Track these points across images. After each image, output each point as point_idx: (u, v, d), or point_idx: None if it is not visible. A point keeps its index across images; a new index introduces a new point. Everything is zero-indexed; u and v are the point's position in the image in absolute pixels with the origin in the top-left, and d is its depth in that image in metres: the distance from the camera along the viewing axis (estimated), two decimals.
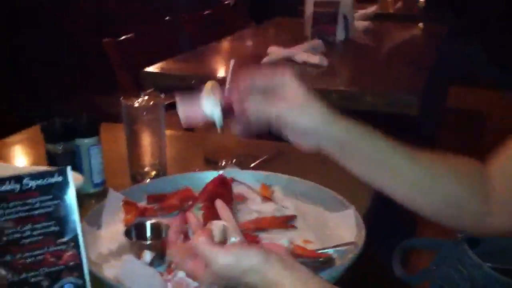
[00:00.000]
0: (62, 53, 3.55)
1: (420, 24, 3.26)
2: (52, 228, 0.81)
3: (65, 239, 0.82)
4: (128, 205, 1.05)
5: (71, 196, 0.82)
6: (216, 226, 0.80)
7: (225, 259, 0.70)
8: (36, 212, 0.80)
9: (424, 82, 2.09)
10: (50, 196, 0.81)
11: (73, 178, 0.83)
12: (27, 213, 0.79)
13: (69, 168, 0.83)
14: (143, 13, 3.92)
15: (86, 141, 1.15)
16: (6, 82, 3.24)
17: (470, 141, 3.30)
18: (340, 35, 2.63)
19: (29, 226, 0.80)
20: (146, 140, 1.22)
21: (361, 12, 3.05)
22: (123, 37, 2.43)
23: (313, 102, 0.82)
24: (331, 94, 1.99)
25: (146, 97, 1.22)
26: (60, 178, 0.82)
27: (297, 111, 0.81)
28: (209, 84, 1.17)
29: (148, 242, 0.93)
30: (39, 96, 3.30)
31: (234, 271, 0.70)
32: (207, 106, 0.86)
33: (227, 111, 0.85)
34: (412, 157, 0.86)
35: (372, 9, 3.13)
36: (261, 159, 1.31)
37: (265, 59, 2.21)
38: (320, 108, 0.82)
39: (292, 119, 0.81)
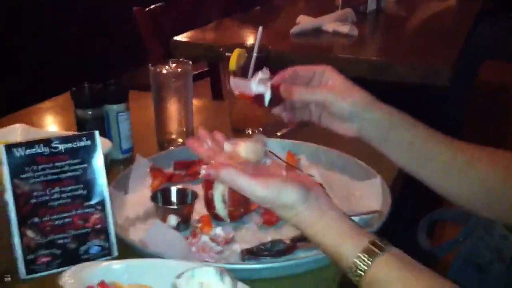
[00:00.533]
0: (95, 21, 3.58)
1: None
2: (80, 191, 0.83)
3: (92, 203, 0.84)
4: (155, 171, 1.07)
5: (98, 161, 0.84)
6: (246, 147, 0.80)
7: (264, 192, 0.69)
8: (65, 175, 0.82)
9: (455, 54, 2.05)
10: (79, 160, 0.83)
11: (102, 144, 0.85)
12: (56, 176, 0.81)
13: (97, 133, 0.84)
14: None
15: (115, 107, 1.16)
16: (40, 47, 3.28)
17: (500, 114, 3.24)
18: (371, 5, 2.59)
19: (57, 189, 0.82)
20: (173, 107, 1.22)
21: None
22: (152, 6, 2.43)
23: (355, 89, 0.83)
24: (362, 64, 1.97)
25: (174, 65, 1.22)
26: (88, 142, 0.83)
27: (340, 96, 0.82)
28: (236, 52, 1.16)
29: (174, 207, 0.95)
30: (71, 62, 3.33)
31: (271, 203, 0.70)
32: (259, 85, 0.87)
33: (274, 95, 0.86)
34: (450, 145, 0.86)
35: None
36: (288, 129, 1.31)
37: (294, 28, 2.18)
38: (362, 94, 0.83)
39: (336, 104, 0.82)
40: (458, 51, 2.07)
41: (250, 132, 1.27)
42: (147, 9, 2.38)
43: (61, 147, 0.82)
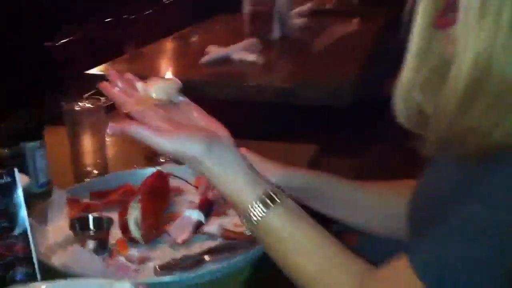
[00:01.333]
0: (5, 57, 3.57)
1: (356, 19, 3.40)
2: (4, 224, 0.91)
3: (15, 233, 0.91)
4: (72, 201, 1.15)
5: (19, 195, 0.92)
6: (157, 87, 0.84)
7: (170, 146, 0.75)
8: None
9: (356, 74, 2.22)
10: (0, 196, 0.90)
11: (20, 179, 0.93)
12: None
13: (16, 170, 0.92)
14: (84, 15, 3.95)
15: (31, 144, 1.24)
16: None
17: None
18: (276, 33, 2.75)
19: None
20: (88, 141, 1.31)
21: (297, 9, 3.18)
22: (66, 39, 2.49)
23: (272, 166, 0.95)
24: (269, 90, 2.12)
25: (87, 101, 1.31)
26: (8, 179, 0.91)
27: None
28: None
29: (91, 233, 1.04)
30: None
31: (178, 156, 0.77)
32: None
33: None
34: (365, 189, 1.02)
35: (307, 6, 3.26)
36: None
37: (204, 58, 2.31)
38: (278, 169, 0.95)
39: None
40: (359, 70, 2.25)
41: (162, 160, 1.37)
42: (60, 42, 2.45)
43: None
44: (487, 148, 0.63)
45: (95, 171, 1.32)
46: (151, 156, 1.41)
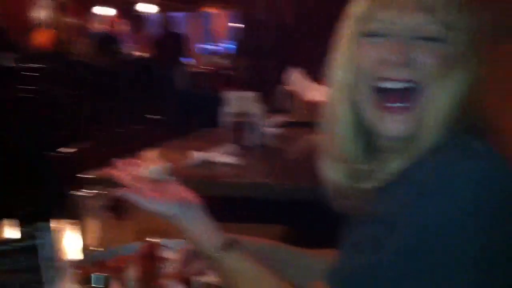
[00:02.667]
0: None
1: None
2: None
3: None
4: (78, 268, 1.38)
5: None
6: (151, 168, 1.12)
7: (156, 208, 1.04)
8: None
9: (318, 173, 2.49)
10: None
11: None
12: None
13: None
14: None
15: (42, 224, 1.48)
16: None
17: None
18: (252, 140, 3.05)
19: None
20: (91, 224, 1.56)
21: (272, 120, 3.53)
22: (65, 151, 2.78)
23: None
24: (246, 186, 2.40)
25: (90, 190, 1.58)
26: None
27: None
28: None
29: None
30: None
31: (163, 215, 1.05)
32: None
33: None
34: (299, 254, 1.27)
35: (280, 118, 3.63)
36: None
37: (187, 161, 2.60)
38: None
39: None
40: None
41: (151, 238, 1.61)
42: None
43: None
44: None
45: (96, 248, 1.56)
46: (142, 236, 1.65)
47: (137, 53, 13.39)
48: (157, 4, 14.29)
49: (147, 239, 1.61)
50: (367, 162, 1.04)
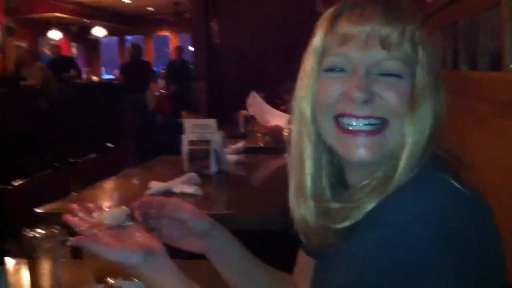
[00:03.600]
0: None
1: (286, 155, 3.71)
2: None
3: None
4: None
5: None
6: (108, 214, 1.06)
7: (113, 257, 0.97)
8: None
9: (285, 202, 2.46)
10: None
11: None
12: None
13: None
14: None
15: None
16: None
17: None
18: (213, 168, 3.01)
19: None
20: (45, 265, 1.47)
21: (232, 147, 3.49)
22: (18, 183, 2.66)
23: (204, 213, 1.19)
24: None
25: (44, 230, 1.49)
26: None
27: (199, 215, 1.18)
28: None
29: None
30: None
31: (121, 264, 0.97)
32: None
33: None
34: (264, 266, 1.25)
35: (241, 144, 3.59)
36: None
37: (146, 192, 2.52)
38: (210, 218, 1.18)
39: (196, 221, 1.16)
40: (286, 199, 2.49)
41: (111, 280, 1.53)
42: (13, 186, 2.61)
43: None
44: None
45: None
46: (102, 277, 1.57)
47: (94, 78, 13.25)
48: (110, 28, 14.17)
49: (107, 279, 1.52)
50: (337, 200, 1.01)
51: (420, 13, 0.98)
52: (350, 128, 0.94)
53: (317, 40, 0.99)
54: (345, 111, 0.94)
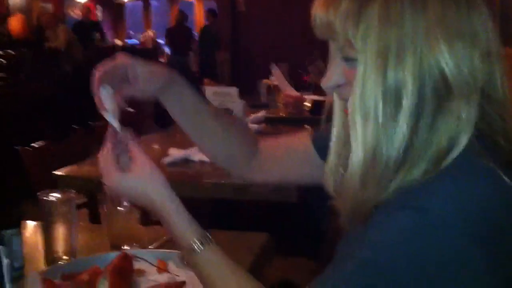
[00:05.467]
0: None
1: (307, 126, 3.66)
2: None
3: None
4: (45, 282, 1.27)
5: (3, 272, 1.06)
6: None
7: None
8: None
9: None
10: None
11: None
12: None
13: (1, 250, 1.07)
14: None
15: (8, 232, 1.38)
16: None
17: None
18: None
19: None
20: (60, 230, 1.45)
21: (253, 116, 3.45)
22: (38, 145, 2.66)
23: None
24: (225, 187, 2.30)
25: (60, 194, 1.47)
26: None
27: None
28: None
29: None
30: None
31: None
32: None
33: None
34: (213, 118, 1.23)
35: (262, 113, 3.54)
36: (158, 242, 1.57)
37: (165, 159, 2.50)
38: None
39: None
40: None
41: (127, 247, 1.51)
42: (33, 147, 2.62)
43: None
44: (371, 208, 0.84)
45: (65, 257, 1.45)
46: (117, 244, 1.55)
47: (118, 42, 13.22)
48: None
49: (124, 247, 1.51)
50: None
51: None
52: None
53: None
54: None
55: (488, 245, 0.77)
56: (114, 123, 1.10)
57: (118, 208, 1.50)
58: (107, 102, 1.10)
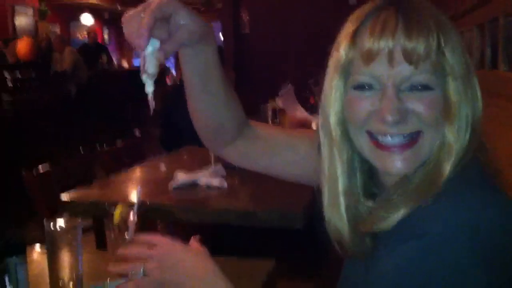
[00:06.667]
0: None
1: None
2: None
3: None
4: None
5: None
6: None
7: None
8: None
9: (308, 200, 2.40)
10: None
11: None
12: None
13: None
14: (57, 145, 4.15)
15: (14, 259, 1.36)
16: None
17: None
18: None
19: None
20: (65, 258, 1.44)
21: None
22: (41, 169, 2.66)
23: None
24: (230, 213, 2.29)
25: (65, 221, 1.46)
26: None
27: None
28: (119, 208, 1.43)
29: None
30: None
31: None
32: None
33: None
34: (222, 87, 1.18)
35: None
36: None
37: (172, 183, 2.49)
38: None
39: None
40: (310, 197, 2.44)
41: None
42: (35, 172, 2.61)
43: None
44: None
45: (71, 284, 1.43)
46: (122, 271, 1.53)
47: (125, 65, 13.27)
48: None
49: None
50: (368, 200, 1.01)
51: (444, 15, 0.95)
52: (385, 144, 0.94)
53: (340, 55, 0.97)
54: (380, 130, 0.94)
55: (494, 268, 0.80)
56: (150, 88, 1.03)
57: (125, 236, 1.48)
58: (150, 65, 1.02)
